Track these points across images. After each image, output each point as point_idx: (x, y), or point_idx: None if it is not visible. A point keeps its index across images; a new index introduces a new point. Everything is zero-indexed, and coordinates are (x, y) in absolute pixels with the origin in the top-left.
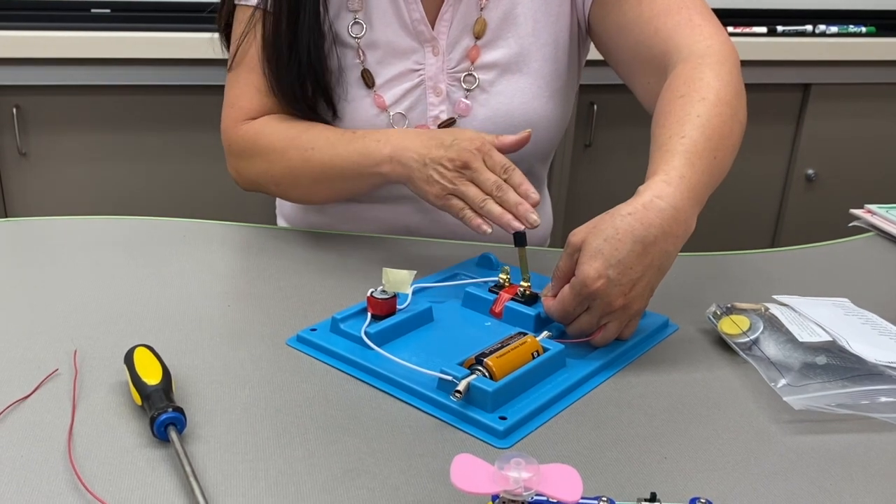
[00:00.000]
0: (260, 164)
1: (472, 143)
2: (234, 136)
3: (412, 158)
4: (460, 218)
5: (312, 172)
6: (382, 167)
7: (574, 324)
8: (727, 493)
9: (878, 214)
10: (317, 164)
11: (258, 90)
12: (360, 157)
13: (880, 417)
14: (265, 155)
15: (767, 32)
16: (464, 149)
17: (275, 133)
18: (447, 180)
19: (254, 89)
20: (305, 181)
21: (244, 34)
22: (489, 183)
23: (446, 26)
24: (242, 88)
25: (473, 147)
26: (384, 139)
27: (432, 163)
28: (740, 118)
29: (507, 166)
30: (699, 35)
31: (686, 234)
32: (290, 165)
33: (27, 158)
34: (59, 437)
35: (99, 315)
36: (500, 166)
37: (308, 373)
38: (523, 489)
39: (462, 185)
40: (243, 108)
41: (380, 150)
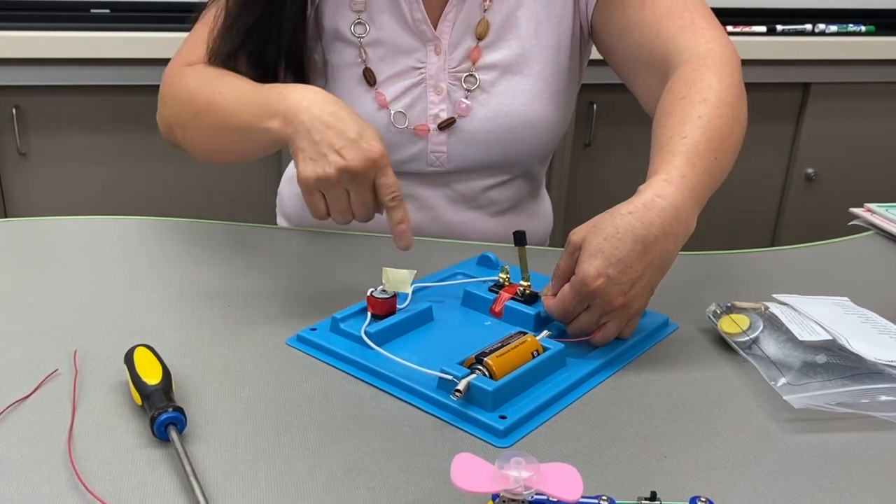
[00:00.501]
0: (173, 106)
1: (372, 153)
2: (165, 78)
3: (304, 122)
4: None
5: (215, 119)
6: (271, 122)
7: (574, 323)
8: (727, 491)
9: (878, 213)
10: (220, 109)
11: (204, 40)
12: (257, 108)
13: (880, 416)
14: (179, 95)
15: (767, 31)
16: (362, 157)
17: (195, 74)
18: (324, 174)
19: (201, 38)
20: (207, 128)
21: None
22: (362, 208)
23: (449, 26)
24: (192, 38)
25: (372, 156)
26: (287, 93)
27: (323, 141)
28: (741, 120)
29: (396, 195)
30: (701, 38)
31: (686, 233)
32: (197, 108)
33: (27, 159)
34: (59, 437)
35: (99, 315)
36: (389, 192)
37: (308, 372)
38: (523, 488)
39: (336, 192)
40: (184, 55)
41: (278, 104)
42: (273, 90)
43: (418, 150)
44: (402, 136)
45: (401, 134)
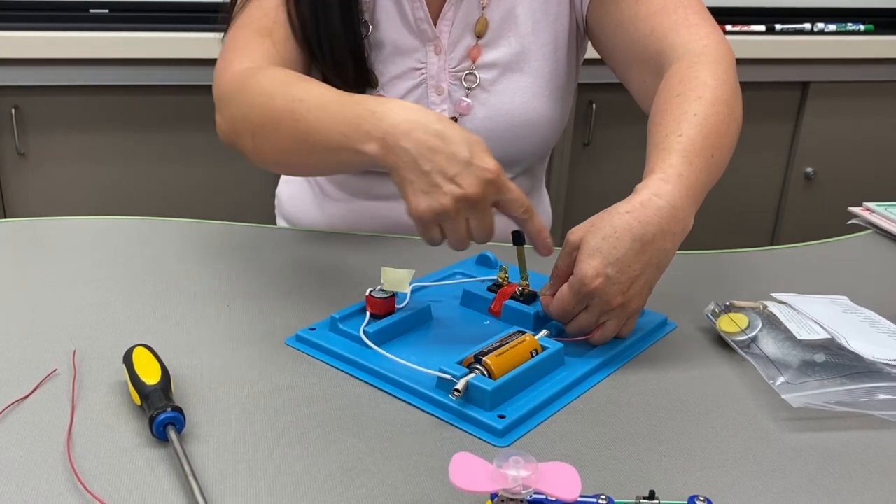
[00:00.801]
0: (242, 108)
1: (488, 173)
2: (226, 77)
3: (408, 150)
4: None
5: (295, 129)
6: (367, 146)
7: (573, 322)
8: (726, 490)
9: (877, 212)
10: (301, 120)
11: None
12: (347, 127)
13: (879, 415)
14: (250, 97)
15: (766, 31)
16: (480, 181)
17: (268, 76)
18: (441, 207)
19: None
20: (286, 140)
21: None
22: (481, 231)
23: (448, 25)
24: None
25: (489, 177)
26: (381, 111)
27: (434, 171)
28: (737, 117)
29: (525, 207)
30: (695, 34)
31: (684, 232)
32: (272, 114)
33: (26, 159)
34: (59, 437)
35: (98, 315)
36: (519, 207)
37: (307, 372)
38: (522, 487)
39: (456, 219)
40: (240, 50)
41: (373, 125)
42: (364, 105)
43: None
44: None
45: None
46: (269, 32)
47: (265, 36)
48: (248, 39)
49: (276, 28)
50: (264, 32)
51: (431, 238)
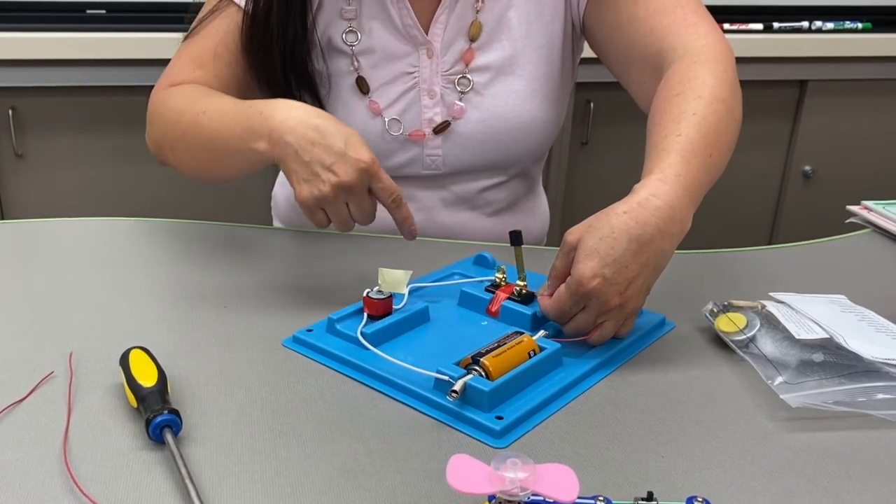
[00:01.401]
0: (160, 127)
1: (362, 163)
2: (152, 100)
3: (290, 143)
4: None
5: (201, 140)
6: (259, 143)
7: (571, 323)
8: (724, 491)
9: (875, 211)
10: (205, 130)
11: (193, 61)
12: (242, 129)
13: (877, 414)
14: (165, 115)
15: (763, 29)
16: (354, 169)
17: (180, 94)
18: (321, 193)
19: (189, 60)
20: (196, 149)
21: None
22: (360, 213)
23: (441, 28)
24: (180, 59)
25: (362, 167)
26: (268, 112)
27: (314, 161)
28: (736, 116)
29: (394, 196)
30: (694, 34)
31: (682, 232)
32: (183, 128)
33: (23, 160)
34: (55, 440)
35: (94, 317)
36: (388, 195)
37: (304, 373)
38: (519, 489)
39: (336, 204)
40: (172, 76)
41: (261, 125)
42: (254, 108)
43: (414, 155)
44: (397, 143)
45: (396, 141)
46: (203, 63)
47: (198, 66)
48: (182, 67)
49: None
50: (199, 62)
51: (318, 221)
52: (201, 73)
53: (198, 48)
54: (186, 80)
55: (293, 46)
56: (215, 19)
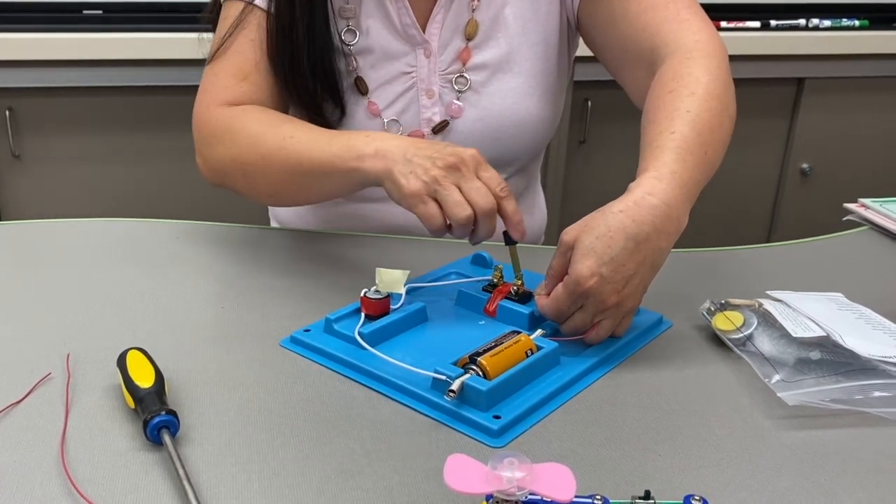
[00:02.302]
0: (230, 149)
1: (467, 151)
2: (206, 119)
3: (396, 153)
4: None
5: (287, 162)
6: (364, 161)
7: (568, 322)
8: (722, 489)
9: (872, 208)
10: (293, 153)
11: (234, 75)
12: (341, 149)
13: (874, 412)
14: (237, 139)
15: (760, 27)
16: (459, 154)
17: (253, 119)
18: (430, 178)
19: (229, 75)
20: (277, 171)
21: (232, 28)
22: (479, 193)
23: (438, 28)
24: (218, 75)
25: (468, 153)
26: (372, 136)
27: (418, 157)
28: (730, 112)
29: (503, 186)
30: (687, 30)
31: (678, 230)
32: (263, 152)
33: (20, 161)
34: (52, 442)
35: (92, 318)
36: (496, 183)
37: (302, 374)
38: (516, 489)
39: (447, 188)
40: (216, 93)
41: (366, 144)
42: (354, 136)
43: None
44: None
45: None
46: (247, 75)
47: (242, 79)
48: (226, 82)
49: (253, 70)
50: (241, 75)
51: (432, 215)
52: (248, 86)
53: (236, 61)
54: (235, 96)
55: (321, 51)
56: (244, 30)
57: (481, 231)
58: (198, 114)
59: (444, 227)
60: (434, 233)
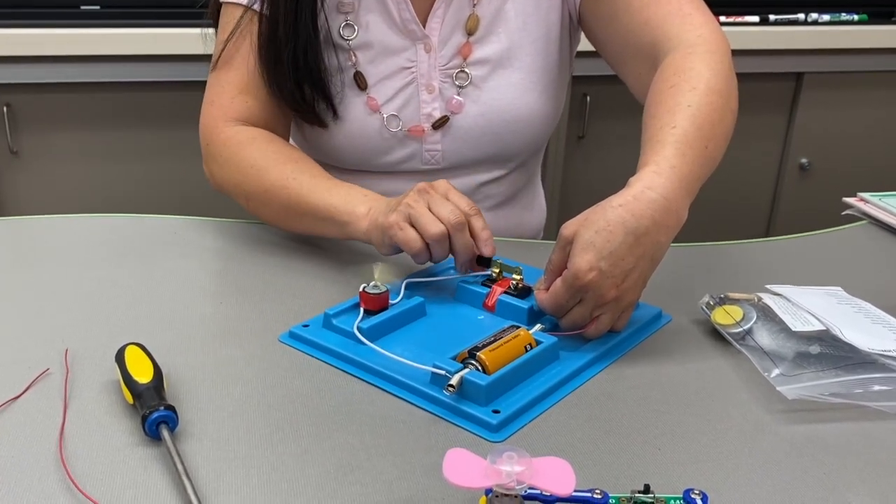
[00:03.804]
0: (235, 176)
1: (438, 180)
2: (215, 139)
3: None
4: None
5: (287, 200)
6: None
7: (567, 317)
8: (721, 483)
9: (871, 203)
10: (293, 193)
11: (240, 89)
12: (340, 202)
13: (874, 406)
14: (243, 169)
15: (759, 21)
16: (427, 183)
17: (261, 151)
18: (404, 205)
19: (235, 88)
20: (276, 206)
21: (232, 34)
22: (446, 209)
23: (438, 23)
24: (224, 87)
25: (438, 181)
26: (369, 196)
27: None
28: (732, 107)
29: (472, 205)
30: (689, 24)
31: (678, 224)
32: (265, 187)
33: (18, 157)
34: (51, 437)
35: (90, 313)
36: (465, 203)
37: (300, 369)
38: (516, 483)
39: (418, 209)
40: (224, 107)
41: (362, 203)
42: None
43: (413, 151)
44: (396, 139)
45: (394, 137)
46: (250, 90)
47: (247, 94)
48: (233, 97)
49: (251, 81)
50: (246, 90)
51: (409, 238)
52: (253, 101)
53: (241, 74)
54: (241, 111)
55: (304, 46)
56: (246, 39)
57: (457, 246)
58: (206, 126)
59: (423, 248)
60: (417, 258)
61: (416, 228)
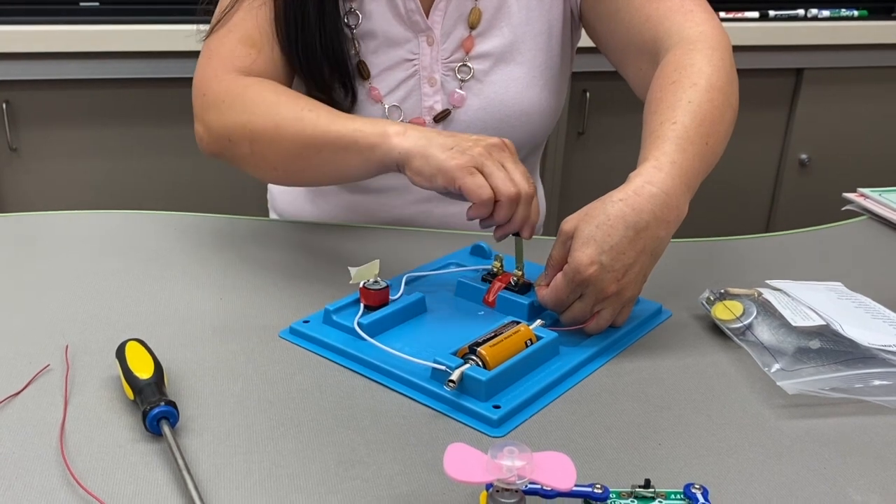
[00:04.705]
0: (240, 115)
1: (499, 139)
2: (215, 84)
3: (428, 133)
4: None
5: (302, 133)
6: (390, 138)
7: (568, 312)
8: (721, 478)
9: (872, 198)
10: (310, 124)
11: (243, 42)
12: (365, 125)
13: (874, 401)
14: (250, 106)
15: (759, 17)
16: (494, 139)
17: (269, 87)
18: (476, 153)
19: (237, 41)
20: (289, 142)
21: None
22: (520, 174)
23: (440, 16)
24: (224, 42)
25: (508, 141)
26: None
27: (455, 139)
28: (732, 104)
29: (530, 179)
30: (691, 21)
31: (678, 219)
32: (278, 121)
33: (18, 154)
34: (52, 433)
35: (90, 309)
36: (525, 174)
37: (301, 365)
38: (516, 477)
39: (492, 165)
40: (226, 59)
41: (391, 125)
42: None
43: None
44: None
45: None
46: (255, 43)
47: (251, 46)
48: (235, 48)
49: (262, 39)
50: (250, 42)
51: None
52: (257, 54)
53: (243, 29)
54: (245, 64)
55: (332, 35)
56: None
57: (519, 216)
58: (203, 78)
59: (492, 199)
60: (479, 208)
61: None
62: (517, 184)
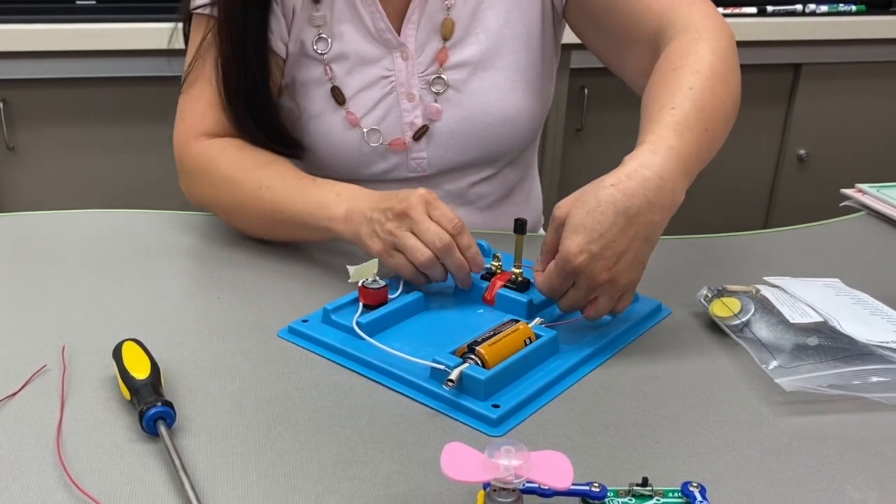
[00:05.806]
0: (209, 190)
1: (415, 194)
2: (187, 154)
3: (360, 216)
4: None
5: (263, 211)
6: (336, 224)
7: (563, 300)
8: (719, 476)
9: (870, 194)
10: (268, 203)
11: (210, 104)
12: (314, 207)
13: (872, 397)
14: (216, 182)
15: (757, 12)
16: (407, 198)
17: (229, 162)
18: (386, 233)
19: (205, 103)
20: (254, 218)
21: (200, 48)
22: (430, 234)
23: (413, 29)
24: (193, 103)
25: (416, 195)
26: (343, 194)
27: (375, 213)
28: (734, 94)
29: (456, 223)
30: (696, 12)
31: (673, 204)
32: (240, 199)
33: (15, 153)
34: (48, 434)
35: (87, 309)
36: (449, 221)
37: (299, 364)
38: (514, 477)
39: (402, 237)
40: (194, 123)
41: (336, 205)
42: (327, 190)
43: (398, 161)
44: (377, 153)
45: (374, 152)
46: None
47: (215, 107)
48: (205, 112)
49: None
50: (214, 103)
51: (400, 266)
52: (222, 113)
53: (209, 93)
54: (210, 126)
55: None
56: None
57: (450, 268)
58: (177, 143)
59: (416, 273)
60: (414, 282)
61: (405, 255)
62: (430, 244)
